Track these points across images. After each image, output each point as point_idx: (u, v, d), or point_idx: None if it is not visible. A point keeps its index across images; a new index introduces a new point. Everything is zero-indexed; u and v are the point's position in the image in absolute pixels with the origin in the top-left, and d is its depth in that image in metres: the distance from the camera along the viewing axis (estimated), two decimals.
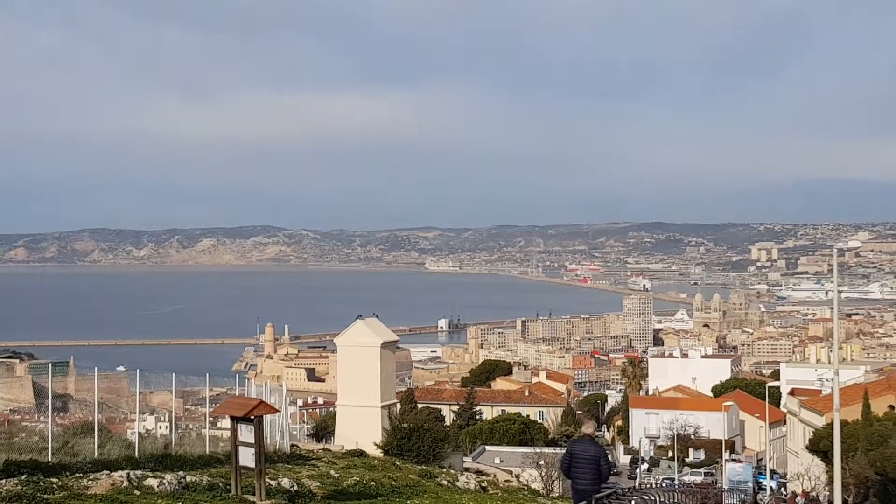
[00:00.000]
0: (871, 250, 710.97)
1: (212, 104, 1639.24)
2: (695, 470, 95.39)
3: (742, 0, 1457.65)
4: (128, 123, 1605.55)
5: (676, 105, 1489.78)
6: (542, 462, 55.43)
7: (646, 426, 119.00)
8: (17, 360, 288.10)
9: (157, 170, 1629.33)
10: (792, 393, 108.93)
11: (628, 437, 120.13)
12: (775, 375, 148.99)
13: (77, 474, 23.34)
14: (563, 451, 24.12)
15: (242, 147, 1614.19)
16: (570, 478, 20.68)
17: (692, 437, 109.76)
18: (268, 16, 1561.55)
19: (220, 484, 24.58)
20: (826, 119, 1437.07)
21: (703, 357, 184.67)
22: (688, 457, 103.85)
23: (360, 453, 42.34)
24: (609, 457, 23.60)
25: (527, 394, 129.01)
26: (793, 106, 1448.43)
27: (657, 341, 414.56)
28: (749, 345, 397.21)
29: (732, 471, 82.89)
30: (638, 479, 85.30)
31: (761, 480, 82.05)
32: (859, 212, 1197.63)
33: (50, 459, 24.15)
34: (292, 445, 40.51)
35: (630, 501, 24.25)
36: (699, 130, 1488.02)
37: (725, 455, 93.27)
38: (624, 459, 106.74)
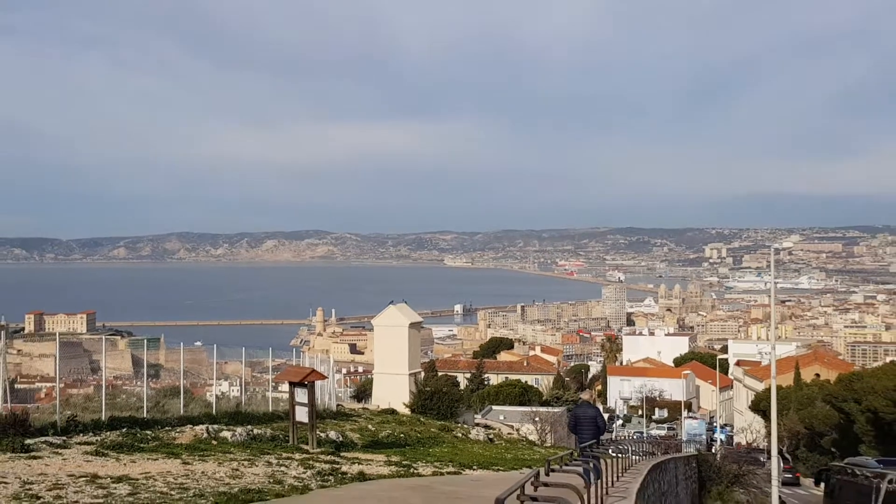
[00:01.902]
0: (802, 249, 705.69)
1: (273, 134, 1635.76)
2: (660, 425, 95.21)
3: (702, 49, 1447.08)
4: (208, 149, 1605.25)
5: (646, 132, 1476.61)
6: (537, 419, 55.26)
7: (620, 390, 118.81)
8: (119, 337, 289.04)
9: (230, 186, 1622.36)
10: (737, 364, 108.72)
11: (606, 398, 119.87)
12: (724, 350, 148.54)
13: (167, 428, 23.48)
14: (568, 414, 24.09)
15: (298, 168, 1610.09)
16: (576, 434, 20.70)
17: (657, 398, 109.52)
18: (316, 62, 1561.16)
19: (281, 436, 24.69)
20: (766, 143, 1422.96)
21: (666, 335, 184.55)
22: (654, 414, 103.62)
23: (392, 411, 42.35)
24: (604, 415, 23.49)
25: (525, 364, 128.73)
26: (740, 133, 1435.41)
27: (629, 322, 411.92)
28: (703, 325, 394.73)
29: (690, 426, 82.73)
30: (614, 433, 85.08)
31: (714, 433, 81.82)
32: (792, 218, 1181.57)
33: (145, 416, 24.28)
34: (338, 405, 40.57)
35: (608, 450, 24.14)
36: (664, 153, 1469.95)
37: (684, 413, 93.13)
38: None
